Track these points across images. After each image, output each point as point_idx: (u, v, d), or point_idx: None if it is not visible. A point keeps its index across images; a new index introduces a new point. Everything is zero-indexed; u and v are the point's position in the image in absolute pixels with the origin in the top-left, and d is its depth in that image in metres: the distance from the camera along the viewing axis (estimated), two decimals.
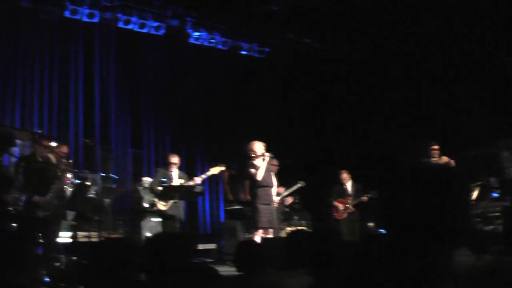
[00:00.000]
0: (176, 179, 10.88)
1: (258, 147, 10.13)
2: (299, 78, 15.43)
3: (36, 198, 8.19)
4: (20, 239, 3.82)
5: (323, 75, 15.60)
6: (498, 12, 12.14)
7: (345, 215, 12.25)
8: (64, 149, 9.25)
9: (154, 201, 10.65)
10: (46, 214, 8.23)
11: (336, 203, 12.32)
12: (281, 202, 11.62)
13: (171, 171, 10.93)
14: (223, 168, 11.37)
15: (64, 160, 9.08)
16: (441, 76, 13.23)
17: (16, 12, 12.15)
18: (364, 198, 12.17)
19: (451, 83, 12.95)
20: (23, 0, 12.09)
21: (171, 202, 10.41)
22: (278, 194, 11.04)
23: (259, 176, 9.85)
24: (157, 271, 3.53)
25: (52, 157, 8.98)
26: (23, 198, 8.05)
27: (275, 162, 11.15)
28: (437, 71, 13.35)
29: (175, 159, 10.99)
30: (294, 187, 12.06)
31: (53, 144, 9.13)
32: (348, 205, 12.22)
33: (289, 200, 12.19)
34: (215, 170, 11.16)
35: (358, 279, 2.94)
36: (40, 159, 8.69)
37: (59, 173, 8.95)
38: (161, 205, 10.59)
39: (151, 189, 10.88)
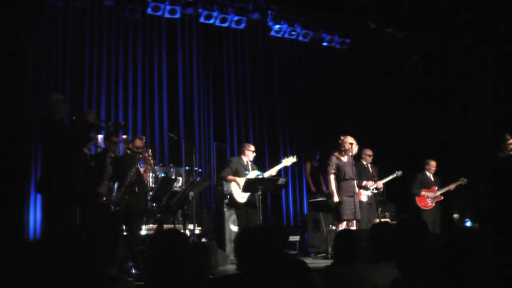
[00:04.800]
0: (252, 171, 10.54)
1: (348, 141, 10.06)
2: (382, 69, 15.19)
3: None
4: (107, 232, 3.88)
5: (405, 65, 15.36)
6: None
7: (432, 205, 11.96)
8: (138, 142, 9.31)
9: (231, 193, 10.40)
10: (117, 209, 8.37)
11: (424, 193, 12.00)
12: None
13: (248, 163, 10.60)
14: (294, 160, 10.99)
15: (141, 155, 9.16)
16: None
17: (100, 11, 12.45)
18: (452, 186, 11.88)
19: None
20: None
21: (248, 194, 10.16)
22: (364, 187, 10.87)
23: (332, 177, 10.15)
24: (248, 264, 3.51)
25: (129, 152, 9.14)
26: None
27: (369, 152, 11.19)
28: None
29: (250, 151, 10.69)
30: (391, 176, 11.65)
31: (122, 137, 9.26)
32: (436, 194, 11.91)
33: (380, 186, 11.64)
34: (287, 162, 10.78)
35: (455, 275, 2.83)
36: (112, 155, 8.84)
37: (139, 168, 9.09)
38: (239, 197, 10.32)
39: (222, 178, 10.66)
